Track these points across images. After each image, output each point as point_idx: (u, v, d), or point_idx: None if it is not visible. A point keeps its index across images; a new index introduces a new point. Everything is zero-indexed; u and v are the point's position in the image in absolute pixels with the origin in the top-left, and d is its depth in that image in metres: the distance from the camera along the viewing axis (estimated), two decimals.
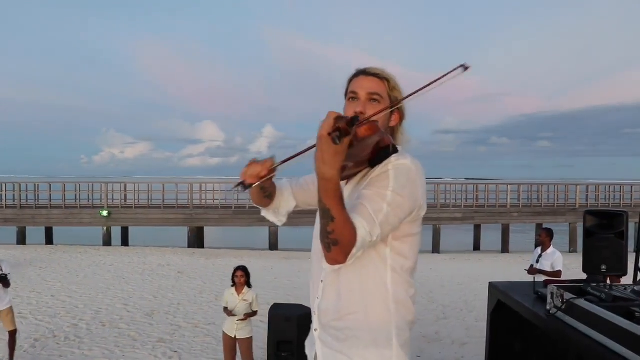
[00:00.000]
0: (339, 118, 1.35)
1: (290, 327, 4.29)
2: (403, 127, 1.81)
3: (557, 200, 25.20)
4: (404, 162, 1.59)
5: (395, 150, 1.61)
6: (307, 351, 1.91)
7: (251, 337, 5.29)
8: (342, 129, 1.32)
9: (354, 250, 1.47)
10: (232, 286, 5.30)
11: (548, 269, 6.75)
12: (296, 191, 2.03)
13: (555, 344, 3.22)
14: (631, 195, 26.43)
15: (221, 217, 22.12)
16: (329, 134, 1.32)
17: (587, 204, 24.74)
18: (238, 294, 5.22)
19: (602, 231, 3.74)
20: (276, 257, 17.62)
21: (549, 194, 25.74)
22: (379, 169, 1.61)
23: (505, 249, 22.62)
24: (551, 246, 7.02)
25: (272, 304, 9.05)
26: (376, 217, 1.50)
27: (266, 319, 7.99)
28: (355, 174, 1.72)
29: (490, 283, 3.45)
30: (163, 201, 22.80)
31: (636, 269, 4.48)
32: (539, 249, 7.13)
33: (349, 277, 1.67)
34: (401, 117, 1.79)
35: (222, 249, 20.30)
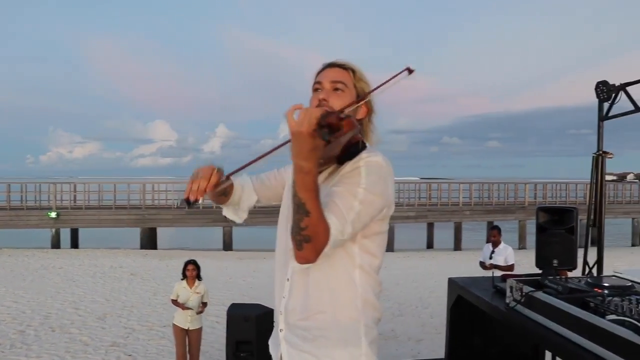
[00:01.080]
0: (326, 114, 1.30)
1: (249, 327, 4.25)
2: (374, 125, 1.78)
3: (507, 199, 25.98)
4: (376, 159, 1.57)
5: (364, 147, 1.60)
6: (272, 351, 1.86)
7: (201, 328, 5.52)
8: (334, 125, 1.28)
9: (326, 249, 1.44)
10: (183, 279, 5.48)
11: (502, 263, 7.00)
12: (257, 186, 1.98)
13: (513, 337, 3.30)
14: (576, 193, 27.52)
15: (174, 217, 21.75)
16: (315, 130, 1.29)
17: (535, 202, 25.56)
18: (190, 287, 5.41)
19: (553, 227, 3.87)
20: (231, 258, 17.47)
21: (499, 193, 26.52)
22: (349, 165, 1.58)
23: (457, 246, 23.13)
24: (502, 242, 7.29)
25: (227, 304, 9.01)
26: (347, 214, 1.47)
27: (222, 320, 7.95)
28: (321, 171, 1.68)
29: (449, 278, 3.50)
30: (114, 202, 22.26)
31: (585, 263, 4.66)
32: (489, 246, 7.36)
33: (317, 276, 1.64)
34: (369, 111, 1.76)
35: (176, 249, 19.97)
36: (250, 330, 4.24)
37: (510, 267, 6.98)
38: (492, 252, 7.22)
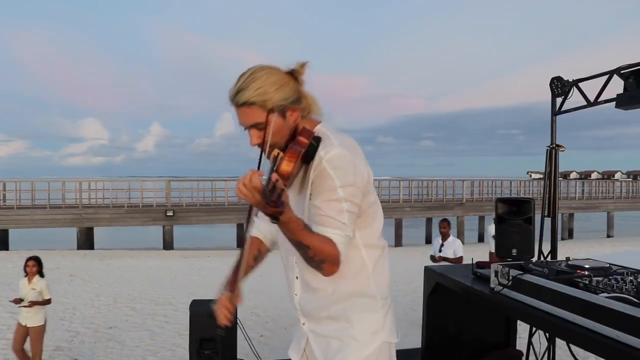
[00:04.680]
0: (263, 194, 1.28)
1: (213, 323, 4.12)
2: (309, 98, 1.66)
3: (445, 196, 26.65)
4: (333, 152, 1.53)
5: (318, 140, 1.57)
6: (293, 348, 1.91)
7: (42, 326, 5.44)
8: (273, 203, 1.26)
9: (341, 257, 1.53)
10: (25, 276, 5.46)
11: (451, 256, 7.18)
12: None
13: (487, 324, 3.38)
14: (510, 190, 28.72)
15: (112, 216, 21.05)
16: (268, 201, 1.26)
17: (472, 198, 26.40)
18: (29, 283, 5.39)
19: (512, 217, 3.98)
20: (172, 257, 17.10)
21: (437, 190, 27.17)
22: (314, 171, 1.54)
23: (398, 242, 23.54)
24: (451, 235, 7.47)
25: (174, 303, 8.83)
26: (341, 218, 1.51)
27: (171, 320, 7.76)
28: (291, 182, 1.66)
29: (426, 267, 3.56)
30: (49, 201, 21.24)
31: (540, 253, 4.82)
32: (439, 239, 7.53)
33: None
34: (299, 108, 1.63)
35: (115, 249, 19.34)
36: (215, 326, 4.13)
37: (459, 259, 7.17)
38: (442, 245, 7.39)
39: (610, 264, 2.36)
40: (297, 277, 1.76)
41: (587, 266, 2.30)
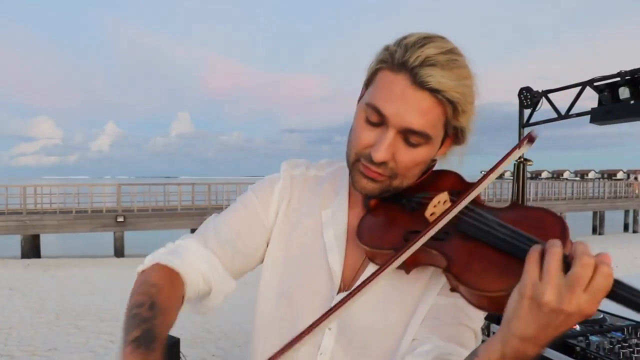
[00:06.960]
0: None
1: None
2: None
3: None
4: None
5: None
6: None
7: None
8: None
9: None
10: None
11: None
12: (228, 262, 1.09)
13: None
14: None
15: (60, 222, 20.18)
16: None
17: None
18: None
19: None
20: (123, 265, 16.44)
21: None
22: None
23: None
24: None
25: (121, 319, 8.32)
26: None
27: (115, 338, 7.27)
28: None
29: None
30: None
31: None
32: None
33: None
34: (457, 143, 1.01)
35: (63, 258, 18.52)
36: None
37: None
38: None
39: (603, 313, 2.06)
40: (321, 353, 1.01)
41: None
